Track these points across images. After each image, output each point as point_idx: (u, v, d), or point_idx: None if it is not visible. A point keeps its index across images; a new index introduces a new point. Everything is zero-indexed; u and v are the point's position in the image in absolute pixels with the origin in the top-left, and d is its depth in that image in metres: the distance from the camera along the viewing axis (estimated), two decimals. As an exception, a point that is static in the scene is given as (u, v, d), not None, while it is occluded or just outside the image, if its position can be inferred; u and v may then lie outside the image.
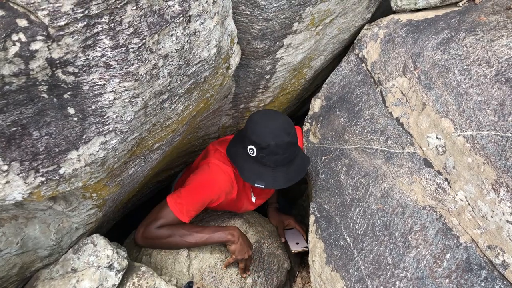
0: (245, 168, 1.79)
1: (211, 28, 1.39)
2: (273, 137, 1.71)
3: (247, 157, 1.78)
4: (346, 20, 2.09)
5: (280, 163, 1.76)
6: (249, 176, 1.78)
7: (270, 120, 1.76)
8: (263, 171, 1.76)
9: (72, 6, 1.02)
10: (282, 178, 1.77)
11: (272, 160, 1.74)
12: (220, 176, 1.85)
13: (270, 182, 1.76)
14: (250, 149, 1.75)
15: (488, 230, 1.49)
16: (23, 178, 1.20)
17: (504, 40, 1.67)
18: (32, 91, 1.11)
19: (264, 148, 1.71)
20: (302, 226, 2.27)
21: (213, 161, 1.88)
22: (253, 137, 1.73)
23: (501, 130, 1.52)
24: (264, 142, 1.71)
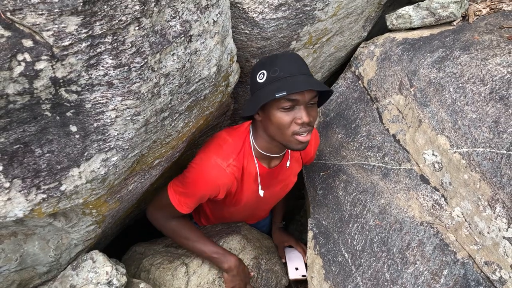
0: (258, 95, 1.56)
1: (212, 47, 1.42)
2: (280, 55, 1.58)
3: (259, 86, 1.57)
4: (343, 39, 2.12)
5: (295, 70, 1.54)
6: (266, 95, 1.51)
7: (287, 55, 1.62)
8: (279, 84, 1.50)
9: (77, 26, 1.04)
10: (302, 82, 1.51)
11: (285, 70, 1.52)
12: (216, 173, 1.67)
13: (289, 86, 1.48)
14: (260, 74, 1.56)
15: (484, 246, 1.50)
16: (25, 195, 1.21)
17: (498, 59, 1.70)
18: (35, 109, 1.12)
19: (272, 62, 1.55)
20: (303, 247, 2.19)
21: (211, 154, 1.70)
22: (261, 60, 1.60)
23: (496, 147, 1.54)
24: (271, 58, 1.56)
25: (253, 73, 1.60)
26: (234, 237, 2.09)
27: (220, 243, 2.04)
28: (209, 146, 1.73)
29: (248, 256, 2.05)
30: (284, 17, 1.70)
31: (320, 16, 1.81)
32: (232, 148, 1.71)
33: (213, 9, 1.39)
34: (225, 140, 1.73)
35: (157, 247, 2.11)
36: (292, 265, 2.06)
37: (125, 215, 1.99)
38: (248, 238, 2.15)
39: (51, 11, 0.99)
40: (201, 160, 1.69)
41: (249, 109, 1.58)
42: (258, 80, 1.56)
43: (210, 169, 1.66)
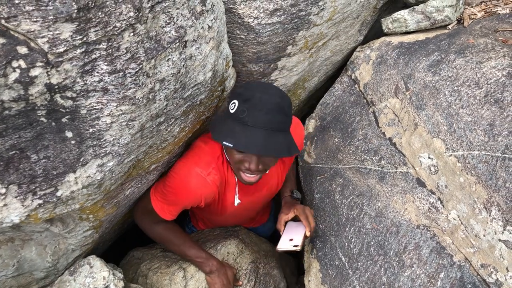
0: (219, 126, 1.53)
1: (207, 53, 1.43)
2: (262, 91, 1.47)
3: (226, 115, 1.52)
4: (339, 43, 2.13)
5: (261, 123, 1.44)
6: (220, 134, 1.49)
7: (266, 84, 1.59)
8: (238, 130, 1.45)
9: (71, 33, 1.05)
10: (257, 143, 1.44)
11: (252, 116, 1.44)
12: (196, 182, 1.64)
13: (241, 142, 1.44)
14: (232, 103, 1.50)
15: (481, 249, 1.51)
16: (21, 201, 1.21)
17: (493, 62, 1.71)
18: (31, 116, 1.13)
19: (247, 99, 1.45)
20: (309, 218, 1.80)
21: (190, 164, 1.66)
22: (240, 89, 1.52)
23: (491, 150, 1.55)
24: (250, 92, 1.46)
25: (231, 94, 1.58)
26: (232, 241, 2.10)
27: (218, 247, 2.04)
28: (188, 156, 1.71)
29: (246, 260, 2.05)
30: (280, 22, 1.71)
31: (315, 21, 1.82)
32: (211, 157, 1.68)
33: (208, 15, 1.39)
34: (202, 149, 1.71)
35: (154, 251, 2.11)
36: (287, 236, 1.77)
37: (123, 220, 1.99)
38: (246, 242, 2.16)
39: (45, 18, 1.00)
40: (180, 169, 1.66)
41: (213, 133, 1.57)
42: (229, 107, 1.52)
43: (191, 178, 1.63)
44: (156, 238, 1.92)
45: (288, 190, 2.04)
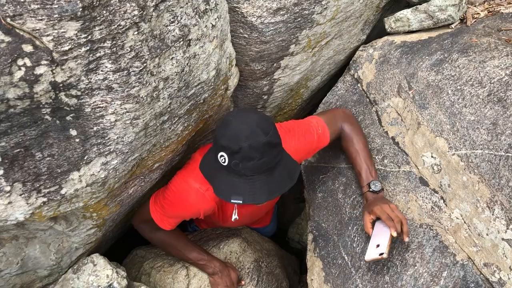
0: (218, 181, 1.48)
1: (210, 51, 1.43)
2: (246, 138, 1.37)
3: (219, 167, 1.45)
4: (342, 42, 2.13)
5: (258, 170, 1.42)
6: (222, 191, 1.46)
7: (243, 118, 1.45)
8: (238, 183, 1.43)
9: (76, 31, 1.06)
10: (263, 190, 1.44)
11: (247, 167, 1.40)
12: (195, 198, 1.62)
13: (248, 196, 1.43)
14: (221, 156, 1.42)
15: (484, 248, 1.51)
16: (25, 199, 1.22)
17: (496, 61, 1.71)
18: (35, 114, 1.14)
19: (236, 152, 1.38)
20: (396, 216, 1.57)
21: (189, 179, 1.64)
22: (223, 140, 1.41)
23: (494, 149, 1.55)
24: (236, 144, 1.37)
25: (215, 145, 1.47)
26: (235, 240, 2.10)
27: (221, 246, 2.05)
28: (187, 169, 1.69)
29: (249, 259, 2.06)
30: (283, 21, 1.71)
31: (318, 20, 1.82)
32: None
33: (212, 14, 1.40)
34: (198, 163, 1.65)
35: (157, 250, 2.12)
36: (374, 242, 1.58)
37: (126, 218, 2.00)
38: (248, 241, 2.16)
39: (50, 16, 1.01)
40: (179, 184, 1.65)
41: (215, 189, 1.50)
42: (218, 159, 1.44)
43: (189, 194, 1.62)
44: (157, 244, 1.94)
45: (365, 181, 1.75)
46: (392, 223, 1.53)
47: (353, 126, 1.86)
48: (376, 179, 1.72)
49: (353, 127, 1.85)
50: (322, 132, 1.78)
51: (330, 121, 1.82)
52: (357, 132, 1.84)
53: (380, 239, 1.55)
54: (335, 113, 1.91)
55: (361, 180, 1.75)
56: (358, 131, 1.85)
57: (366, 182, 1.73)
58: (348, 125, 1.85)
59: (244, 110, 1.59)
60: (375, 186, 1.71)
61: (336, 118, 1.87)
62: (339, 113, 1.92)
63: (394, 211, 1.58)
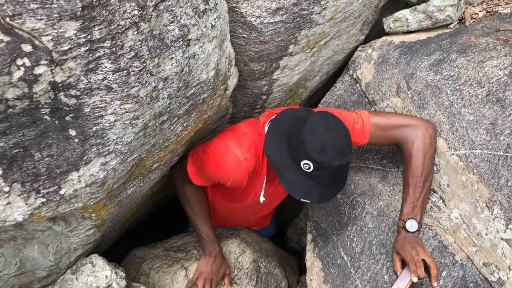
0: (294, 182, 1.53)
1: (210, 51, 1.43)
2: (337, 156, 1.45)
3: (298, 170, 1.51)
4: (341, 42, 2.13)
5: (334, 181, 1.55)
6: (295, 191, 1.53)
7: (332, 133, 1.49)
8: (312, 186, 1.51)
9: (75, 31, 1.05)
10: (329, 194, 1.57)
11: (328, 179, 1.51)
12: (231, 163, 1.63)
13: (318, 198, 1.54)
14: (305, 164, 1.48)
15: (483, 247, 1.51)
16: (24, 199, 1.21)
17: (494, 61, 1.71)
18: (34, 114, 1.13)
19: (325, 168, 1.46)
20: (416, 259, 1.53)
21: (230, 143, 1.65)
22: (314, 153, 1.44)
23: (493, 149, 1.55)
24: (328, 163, 1.44)
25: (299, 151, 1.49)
26: (234, 240, 2.10)
27: (219, 246, 2.05)
28: (229, 135, 1.69)
29: (247, 259, 2.05)
30: (282, 21, 1.71)
31: (317, 20, 1.82)
32: (251, 142, 1.66)
33: (211, 14, 1.40)
34: (245, 133, 1.69)
35: (156, 251, 2.12)
36: (397, 284, 1.57)
37: (125, 219, 1.99)
38: (247, 241, 2.16)
39: (50, 16, 1.00)
40: (219, 145, 1.66)
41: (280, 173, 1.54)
42: (301, 165, 1.49)
43: (227, 158, 1.63)
44: (181, 198, 1.95)
45: (404, 215, 1.65)
46: (414, 267, 1.51)
47: (416, 148, 1.66)
48: (415, 218, 1.63)
49: (416, 149, 1.66)
50: (360, 129, 1.70)
51: (385, 124, 1.71)
52: (418, 156, 1.65)
53: (402, 283, 1.55)
54: (407, 124, 1.70)
55: (401, 213, 1.67)
56: (420, 155, 1.65)
57: (404, 218, 1.64)
58: (411, 146, 1.66)
59: (329, 118, 1.55)
60: (411, 226, 1.62)
61: (402, 129, 1.69)
62: (411, 126, 1.68)
63: (420, 255, 1.53)
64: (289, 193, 1.56)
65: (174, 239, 2.23)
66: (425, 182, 1.65)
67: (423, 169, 1.64)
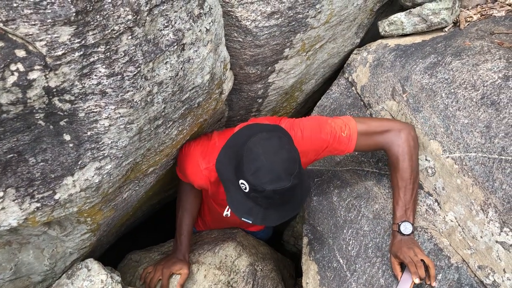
0: (234, 198, 1.51)
1: (205, 56, 1.43)
2: (271, 181, 1.39)
3: (238, 188, 1.49)
4: (336, 45, 2.14)
5: (274, 205, 1.47)
6: (236, 208, 1.50)
7: (271, 156, 1.43)
8: (252, 207, 1.48)
9: (69, 36, 1.05)
10: (274, 217, 1.50)
11: (265, 202, 1.45)
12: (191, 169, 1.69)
13: (260, 220, 1.49)
14: (242, 184, 1.45)
15: (478, 250, 1.51)
16: (19, 204, 1.21)
17: (489, 64, 1.72)
18: (29, 119, 1.13)
19: (259, 191, 1.41)
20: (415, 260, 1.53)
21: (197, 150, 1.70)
22: (248, 174, 1.42)
23: (488, 152, 1.56)
24: (260, 186, 1.40)
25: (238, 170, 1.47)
26: (230, 243, 2.10)
27: (216, 249, 2.04)
28: (201, 143, 1.76)
29: (244, 262, 2.05)
30: (277, 24, 1.71)
31: (312, 24, 1.83)
32: (216, 154, 1.60)
33: (206, 18, 1.40)
34: (213, 144, 1.72)
35: (152, 254, 2.11)
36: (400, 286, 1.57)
37: (121, 223, 1.99)
38: (243, 244, 2.16)
39: (44, 21, 1.00)
40: (189, 150, 1.74)
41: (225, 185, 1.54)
42: (239, 184, 1.47)
43: (191, 164, 1.71)
44: (177, 192, 2.00)
45: (398, 219, 1.65)
46: (414, 269, 1.51)
47: (402, 151, 1.66)
48: (409, 220, 1.63)
49: (402, 152, 1.66)
50: (347, 137, 1.66)
51: (370, 131, 1.69)
52: (405, 159, 1.66)
53: (405, 286, 1.54)
54: (388, 129, 1.70)
55: (394, 216, 1.67)
56: (407, 158, 1.66)
57: (398, 221, 1.64)
58: (397, 149, 1.67)
59: (272, 139, 1.49)
60: (405, 229, 1.62)
61: (384, 134, 1.69)
62: (393, 131, 1.69)
63: (418, 256, 1.53)
64: (231, 210, 1.55)
65: (170, 242, 2.22)
66: (414, 183, 1.66)
67: (411, 171, 1.65)
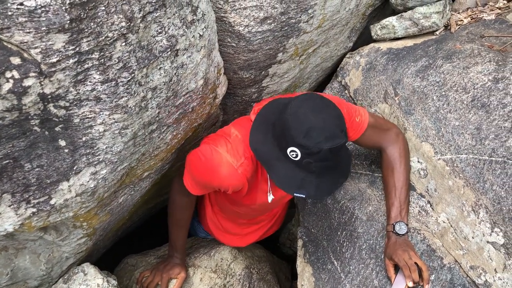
0: (281, 173, 1.40)
1: (198, 61, 1.45)
2: (327, 139, 1.30)
3: (286, 160, 1.37)
4: (329, 49, 2.16)
5: (328, 170, 1.38)
6: (286, 184, 1.40)
7: (320, 114, 1.35)
8: (305, 178, 1.37)
9: (64, 43, 1.07)
10: (327, 187, 1.41)
11: (319, 166, 1.35)
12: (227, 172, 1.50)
13: (314, 192, 1.39)
14: (292, 152, 1.34)
15: (470, 250, 1.53)
16: (15, 210, 1.22)
17: (479, 67, 1.75)
18: (24, 125, 1.14)
19: (314, 153, 1.31)
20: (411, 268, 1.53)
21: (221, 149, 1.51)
22: (299, 138, 1.31)
23: (478, 153, 1.58)
24: (316, 147, 1.29)
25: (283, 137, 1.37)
26: (225, 247, 2.11)
27: (211, 253, 2.06)
28: (218, 141, 1.55)
29: (240, 266, 2.06)
30: (270, 29, 1.73)
31: (305, 28, 1.85)
32: (244, 145, 1.52)
33: (199, 24, 1.42)
34: (235, 137, 1.56)
35: (149, 258, 2.12)
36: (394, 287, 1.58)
37: (117, 227, 2.00)
38: (239, 248, 2.17)
39: (38, 29, 1.02)
40: (210, 154, 1.52)
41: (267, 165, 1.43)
42: (288, 153, 1.36)
43: (221, 167, 1.50)
44: (169, 208, 1.85)
45: (392, 219, 1.66)
46: (408, 272, 1.51)
47: (400, 153, 1.71)
48: (403, 221, 1.64)
49: (400, 154, 1.71)
50: (359, 123, 1.63)
51: (376, 125, 1.70)
52: (402, 161, 1.70)
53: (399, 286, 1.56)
54: (389, 128, 1.75)
55: (389, 217, 1.68)
56: (404, 160, 1.71)
57: (392, 221, 1.65)
58: (396, 150, 1.71)
59: (315, 99, 1.40)
60: (400, 229, 1.63)
61: (386, 132, 1.73)
62: (393, 130, 1.74)
63: (412, 259, 1.53)
64: (280, 188, 1.42)
65: (166, 246, 2.23)
66: (408, 185, 1.71)
67: (407, 173, 1.71)
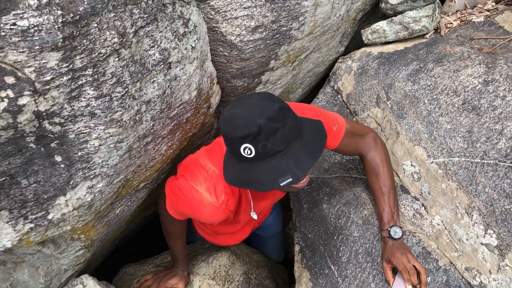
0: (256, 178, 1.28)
1: (191, 73, 1.46)
2: (259, 114, 1.20)
3: (251, 164, 1.27)
4: (321, 55, 2.18)
5: (288, 137, 1.25)
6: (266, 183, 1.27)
7: (244, 102, 1.29)
8: (277, 162, 1.25)
9: (57, 61, 1.08)
10: (304, 154, 1.27)
11: (277, 140, 1.23)
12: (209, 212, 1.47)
13: (295, 168, 1.25)
14: (245, 149, 1.24)
15: (464, 252, 1.55)
16: (12, 226, 1.23)
17: (469, 70, 1.77)
18: (20, 142, 1.15)
19: (258, 133, 1.20)
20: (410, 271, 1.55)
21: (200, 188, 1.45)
22: (238, 132, 1.22)
23: (470, 156, 1.60)
24: (253, 126, 1.19)
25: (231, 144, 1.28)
26: (223, 253, 2.12)
27: (209, 260, 2.07)
28: (197, 177, 1.48)
29: (238, 271, 2.08)
30: (262, 38, 1.75)
31: (296, 35, 1.87)
32: (223, 182, 1.45)
33: (191, 36, 1.43)
34: (213, 173, 1.47)
35: (147, 267, 2.13)
36: None
37: (114, 237, 2.01)
38: (237, 253, 2.18)
39: (31, 48, 1.03)
40: (189, 192, 1.47)
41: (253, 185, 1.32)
42: (243, 154, 1.25)
43: (203, 207, 1.47)
44: (160, 217, 1.81)
45: (386, 224, 1.67)
46: (407, 276, 1.53)
47: (381, 157, 1.71)
48: (397, 224, 1.66)
49: (381, 158, 1.71)
50: (337, 131, 1.61)
51: (353, 132, 1.69)
52: (385, 165, 1.71)
53: None
54: (366, 133, 1.74)
55: (382, 223, 1.68)
56: (386, 164, 1.71)
57: (386, 227, 1.66)
58: (376, 155, 1.71)
59: (239, 97, 1.35)
60: (395, 233, 1.64)
61: (364, 138, 1.73)
62: (370, 135, 1.74)
63: (411, 262, 1.55)
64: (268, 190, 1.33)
65: (164, 254, 2.24)
66: (394, 188, 1.72)
67: (391, 176, 1.72)
